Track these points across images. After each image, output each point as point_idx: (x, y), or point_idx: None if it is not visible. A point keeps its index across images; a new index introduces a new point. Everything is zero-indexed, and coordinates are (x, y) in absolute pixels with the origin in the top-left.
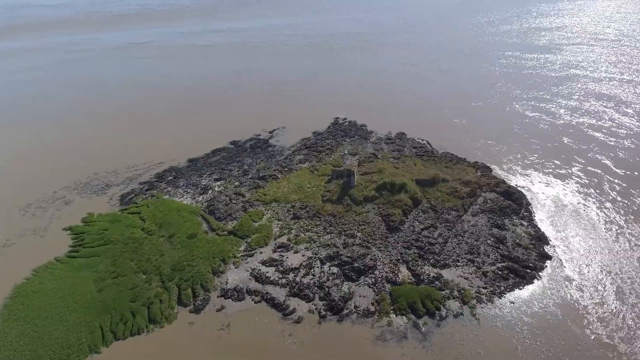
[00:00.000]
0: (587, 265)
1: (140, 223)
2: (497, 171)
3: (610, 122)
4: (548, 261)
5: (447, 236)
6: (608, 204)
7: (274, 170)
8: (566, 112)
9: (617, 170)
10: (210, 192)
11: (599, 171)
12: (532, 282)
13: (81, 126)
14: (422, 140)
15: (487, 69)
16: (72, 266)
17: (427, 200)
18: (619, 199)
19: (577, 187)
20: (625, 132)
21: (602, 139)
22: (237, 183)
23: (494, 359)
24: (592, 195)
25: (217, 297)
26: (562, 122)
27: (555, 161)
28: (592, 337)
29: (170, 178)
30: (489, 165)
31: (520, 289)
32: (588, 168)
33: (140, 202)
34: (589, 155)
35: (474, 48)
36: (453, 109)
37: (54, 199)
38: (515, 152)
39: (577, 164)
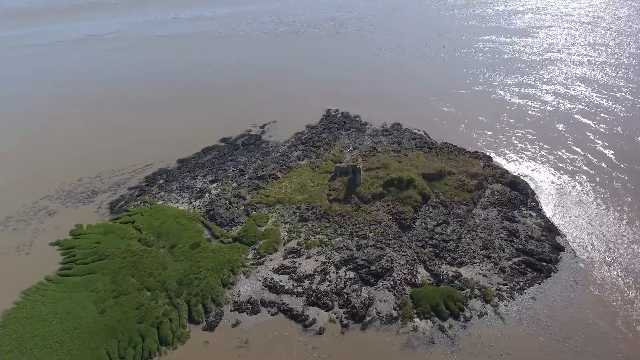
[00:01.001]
0: (600, 256)
1: (136, 233)
2: (498, 161)
3: (598, 108)
4: (562, 253)
5: (460, 232)
6: (611, 192)
7: (273, 169)
8: (553, 99)
9: (616, 160)
10: (207, 195)
11: (598, 160)
12: (550, 276)
13: (53, 128)
14: (419, 130)
15: (466, 54)
16: (66, 286)
17: (435, 195)
18: (621, 186)
19: (579, 175)
20: (614, 118)
21: (593, 125)
22: (234, 184)
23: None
24: (595, 184)
25: (231, 311)
26: (551, 108)
27: (553, 150)
28: (617, 331)
29: (162, 181)
30: (488, 154)
31: (539, 284)
32: (587, 156)
33: (132, 209)
34: (586, 143)
35: (450, 32)
36: (438, 97)
37: (35, 211)
38: (512, 140)
39: (575, 153)
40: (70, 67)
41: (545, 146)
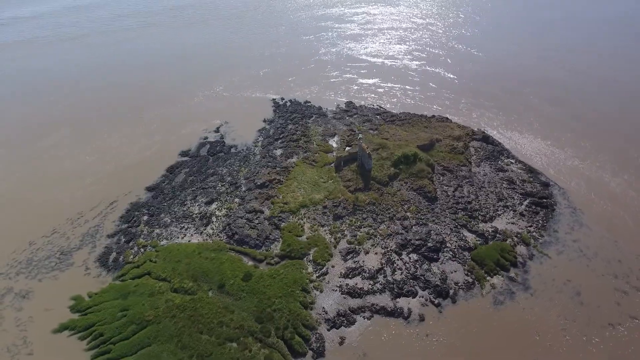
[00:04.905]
0: (575, 181)
1: (164, 285)
2: (456, 121)
3: (500, 65)
4: (549, 187)
5: (475, 191)
6: (551, 127)
7: (269, 173)
8: (455, 62)
9: (543, 104)
10: (214, 219)
11: (528, 107)
12: (554, 209)
13: None
14: (373, 105)
15: (346, 27)
16: None
17: (437, 163)
18: (556, 124)
19: (516, 119)
20: (525, 78)
21: (513, 86)
22: (237, 200)
23: (580, 280)
24: (537, 126)
25: (328, 330)
26: (467, 72)
27: (489, 105)
28: (621, 237)
29: (146, 218)
30: (446, 117)
31: (552, 217)
32: (518, 106)
33: (136, 259)
34: (514, 95)
35: (319, 8)
36: (349, 71)
37: (0, 297)
38: (453, 102)
39: (506, 102)
40: None
41: (482, 102)
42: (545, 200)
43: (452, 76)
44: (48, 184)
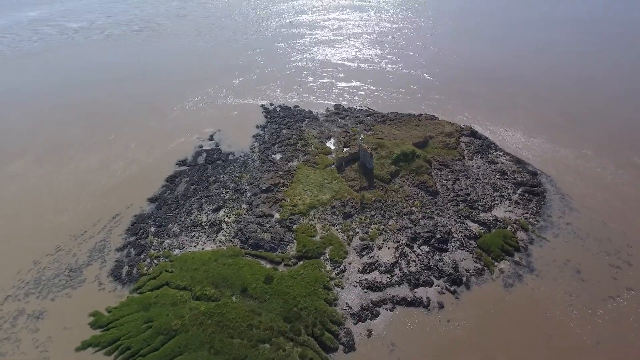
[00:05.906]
0: (562, 169)
1: (185, 294)
2: (443, 118)
3: (476, 67)
4: (538, 176)
5: (471, 183)
6: (531, 121)
7: (272, 177)
8: (431, 63)
9: (522, 100)
10: (225, 226)
11: (508, 102)
12: (545, 196)
13: None
14: (361, 106)
15: (322, 34)
16: None
17: (433, 158)
18: (534, 115)
19: (497, 114)
20: (502, 76)
21: (484, 82)
22: (244, 205)
23: (577, 260)
24: (519, 119)
25: (354, 324)
26: (443, 74)
27: (468, 100)
28: (610, 218)
29: (154, 229)
30: (433, 115)
31: (544, 204)
32: (499, 101)
33: (150, 271)
34: (494, 91)
35: (291, 15)
36: (326, 74)
37: (12, 319)
38: (438, 102)
39: (487, 99)
40: None
41: (464, 100)
42: (536, 188)
43: (430, 77)
44: (40, 206)
